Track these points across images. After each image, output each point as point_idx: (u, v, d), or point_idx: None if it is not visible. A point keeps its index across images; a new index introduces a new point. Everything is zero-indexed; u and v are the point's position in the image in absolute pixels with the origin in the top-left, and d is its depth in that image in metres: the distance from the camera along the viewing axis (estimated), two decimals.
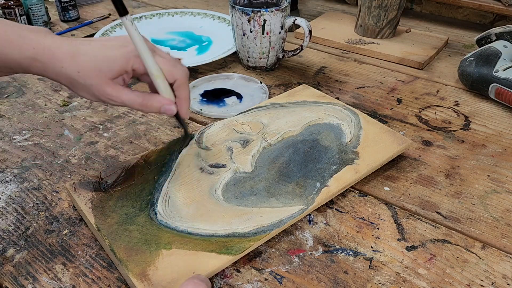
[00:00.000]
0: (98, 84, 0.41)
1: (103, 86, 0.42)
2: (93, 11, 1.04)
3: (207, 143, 0.53)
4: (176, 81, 0.44)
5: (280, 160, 0.51)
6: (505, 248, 0.43)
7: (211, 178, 0.48)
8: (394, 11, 0.81)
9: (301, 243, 0.43)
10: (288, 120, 0.56)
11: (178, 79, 0.44)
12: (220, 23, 0.91)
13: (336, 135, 0.54)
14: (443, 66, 0.78)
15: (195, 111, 0.64)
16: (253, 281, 0.40)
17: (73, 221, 0.46)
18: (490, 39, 0.73)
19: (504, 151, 0.56)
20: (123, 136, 0.59)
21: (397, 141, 0.53)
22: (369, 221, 0.46)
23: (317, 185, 0.47)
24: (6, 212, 0.47)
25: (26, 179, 0.52)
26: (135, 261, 0.39)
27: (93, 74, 0.41)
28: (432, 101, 0.67)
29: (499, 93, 0.64)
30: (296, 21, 0.70)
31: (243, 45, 0.73)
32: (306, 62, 0.79)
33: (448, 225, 0.46)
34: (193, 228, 0.42)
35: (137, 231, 0.42)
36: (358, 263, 0.41)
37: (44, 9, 0.91)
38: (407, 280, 0.40)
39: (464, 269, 0.41)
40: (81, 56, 0.41)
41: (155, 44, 0.85)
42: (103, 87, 0.42)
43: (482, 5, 0.86)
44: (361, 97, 0.68)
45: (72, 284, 0.40)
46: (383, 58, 0.79)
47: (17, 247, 0.43)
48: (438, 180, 0.52)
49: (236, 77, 0.72)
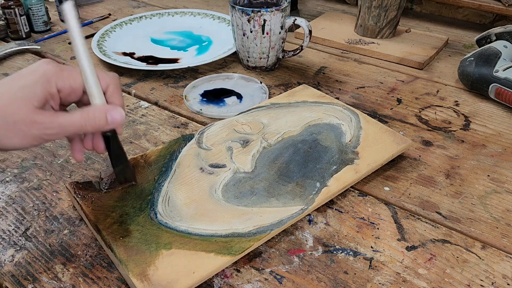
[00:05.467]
0: (25, 116, 0.34)
1: (30, 116, 0.34)
2: (93, 11, 1.03)
3: (207, 143, 0.53)
4: (109, 86, 0.39)
5: (280, 160, 0.51)
6: (505, 248, 0.43)
7: (211, 178, 0.48)
8: (394, 11, 0.81)
9: (301, 243, 0.43)
10: (288, 120, 0.56)
11: (111, 84, 0.39)
12: (220, 23, 0.91)
13: (336, 135, 0.54)
14: (443, 66, 0.78)
15: (195, 111, 0.64)
16: (253, 281, 0.40)
17: (73, 221, 0.46)
18: (490, 39, 0.73)
19: (504, 151, 0.56)
20: (123, 136, 0.59)
21: (397, 141, 0.53)
22: (369, 221, 0.46)
23: (317, 185, 0.47)
24: (6, 212, 0.47)
25: (26, 179, 0.52)
26: (135, 261, 0.39)
27: (15, 106, 0.34)
28: (432, 101, 0.67)
29: (499, 93, 0.64)
30: (296, 21, 0.70)
31: (243, 45, 0.73)
32: (306, 62, 0.79)
33: (448, 225, 0.46)
34: (193, 228, 0.42)
35: (137, 231, 0.42)
36: (358, 263, 0.41)
37: (44, 9, 0.91)
38: (407, 280, 0.40)
39: (464, 269, 0.41)
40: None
41: (155, 44, 0.86)
42: (31, 117, 0.34)
43: (482, 5, 0.86)
44: (361, 97, 0.68)
45: (72, 284, 0.40)
46: (383, 58, 0.79)
47: (17, 247, 0.43)
48: (438, 180, 0.52)
49: (236, 77, 0.72)
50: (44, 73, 0.36)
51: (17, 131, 0.35)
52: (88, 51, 0.38)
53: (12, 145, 0.35)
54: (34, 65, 0.37)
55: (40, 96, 0.35)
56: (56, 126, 0.36)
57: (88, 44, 0.84)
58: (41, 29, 0.91)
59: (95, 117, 0.37)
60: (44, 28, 0.92)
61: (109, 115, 0.37)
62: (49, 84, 0.36)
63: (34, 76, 0.36)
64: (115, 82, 0.39)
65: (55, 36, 0.90)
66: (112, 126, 0.39)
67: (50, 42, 0.88)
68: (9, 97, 0.34)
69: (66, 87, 0.37)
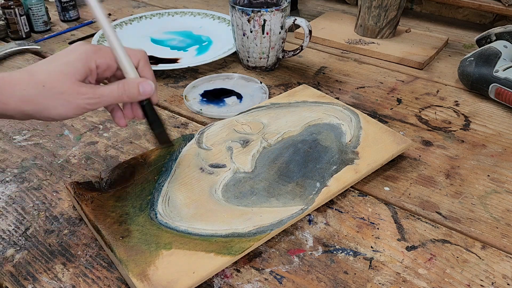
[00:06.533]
0: (70, 88, 0.39)
1: (75, 88, 0.39)
2: None
3: (207, 143, 0.53)
4: (140, 61, 0.43)
5: (280, 160, 0.51)
6: (505, 248, 0.43)
7: (211, 178, 0.48)
8: (394, 11, 0.81)
9: (301, 243, 0.43)
10: (288, 120, 0.56)
11: (141, 59, 0.43)
12: (220, 23, 0.91)
13: (336, 135, 0.54)
14: (443, 66, 0.78)
15: (195, 111, 0.64)
16: (253, 281, 0.40)
17: (73, 221, 0.46)
18: (490, 39, 0.73)
19: (504, 151, 0.56)
20: (123, 136, 0.59)
21: (397, 141, 0.53)
22: (369, 221, 0.46)
23: (317, 185, 0.47)
24: (6, 212, 0.47)
25: (26, 179, 0.52)
26: (135, 261, 0.39)
27: (60, 79, 0.39)
28: (432, 101, 0.67)
29: (499, 93, 0.64)
30: (296, 21, 0.70)
31: (243, 45, 0.73)
32: (306, 62, 0.79)
33: (448, 225, 0.46)
34: (193, 228, 0.42)
35: (137, 231, 0.42)
36: (358, 263, 0.41)
37: (44, 9, 0.91)
38: (407, 280, 0.40)
39: (464, 269, 0.41)
40: (39, 72, 0.39)
41: (155, 44, 0.86)
42: (76, 89, 0.39)
43: (482, 5, 0.86)
44: (361, 97, 0.68)
45: (72, 284, 0.40)
46: (383, 58, 0.79)
47: (17, 247, 0.43)
48: (438, 180, 0.52)
49: (236, 77, 0.72)
50: (85, 51, 0.41)
51: (63, 101, 0.39)
52: (115, 32, 0.42)
53: (59, 115, 0.40)
54: (72, 45, 0.42)
55: (82, 70, 0.40)
56: (97, 96, 0.40)
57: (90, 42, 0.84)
58: (41, 29, 0.91)
59: (130, 88, 0.42)
60: (44, 28, 0.92)
61: (141, 87, 0.42)
62: (89, 61, 0.41)
63: (76, 54, 0.40)
64: (144, 58, 0.44)
65: (55, 36, 0.90)
66: (144, 96, 0.43)
67: (50, 42, 0.88)
68: (55, 71, 0.39)
69: (103, 64, 0.42)
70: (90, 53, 0.41)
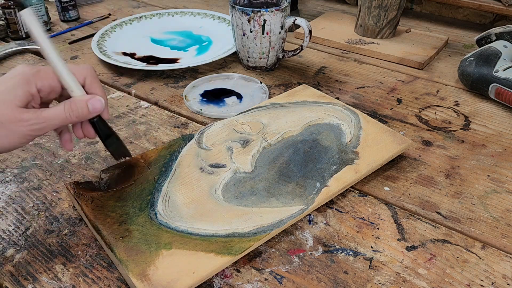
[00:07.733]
0: (10, 116, 0.36)
1: (16, 115, 0.37)
2: (93, 11, 1.04)
3: (207, 143, 0.53)
4: (86, 78, 0.41)
5: (280, 160, 0.51)
6: (505, 248, 0.43)
7: (211, 178, 0.48)
8: (394, 11, 0.81)
9: (301, 243, 0.43)
10: (288, 120, 0.56)
11: (87, 75, 0.41)
12: (220, 23, 0.91)
13: (336, 135, 0.54)
14: (443, 66, 0.78)
15: (195, 111, 0.64)
16: (253, 281, 0.40)
17: (73, 221, 0.46)
18: (490, 39, 0.73)
19: (504, 151, 0.56)
20: (123, 136, 0.59)
21: (397, 141, 0.53)
22: (369, 221, 0.46)
23: (317, 185, 0.47)
24: (6, 212, 0.47)
25: (26, 179, 0.52)
26: (135, 261, 0.39)
27: None
28: (432, 101, 0.67)
29: (499, 93, 0.64)
30: (296, 21, 0.70)
31: (243, 45, 0.73)
32: (306, 62, 0.79)
33: (448, 225, 0.46)
34: (193, 228, 0.42)
35: (137, 231, 0.42)
36: (358, 263, 0.41)
37: (44, 9, 0.91)
38: (407, 280, 0.40)
39: (464, 269, 0.41)
40: None
41: (155, 44, 0.86)
42: (17, 116, 0.37)
43: (482, 5, 0.86)
44: (361, 97, 0.68)
45: (72, 284, 0.40)
46: (383, 58, 0.79)
47: (17, 247, 0.43)
48: (438, 180, 0.52)
49: (236, 77, 0.72)
50: (23, 75, 0.38)
51: (6, 131, 0.37)
52: (56, 50, 0.40)
53: (2, 147, 0.38)
54: (12, 70, 0.39)
55: (22, 96, 0.37)
56: (42, 121, 0.38)
57: (88, 44, 0.85)
58: None
59: (77, 108, 0.40)
60: (44, 28, 0.91)
61: (89, 104, 0.40)
62: (29, 85, 0.38)
63: (14, 80, 0.38)
64: (91, 73, 0.41)
65: (55, 36, 0.90)
66: (95, 114, 0.41)
67: None
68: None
69: (45, 86, 0.39)
70: (29, 76, 0.38)
